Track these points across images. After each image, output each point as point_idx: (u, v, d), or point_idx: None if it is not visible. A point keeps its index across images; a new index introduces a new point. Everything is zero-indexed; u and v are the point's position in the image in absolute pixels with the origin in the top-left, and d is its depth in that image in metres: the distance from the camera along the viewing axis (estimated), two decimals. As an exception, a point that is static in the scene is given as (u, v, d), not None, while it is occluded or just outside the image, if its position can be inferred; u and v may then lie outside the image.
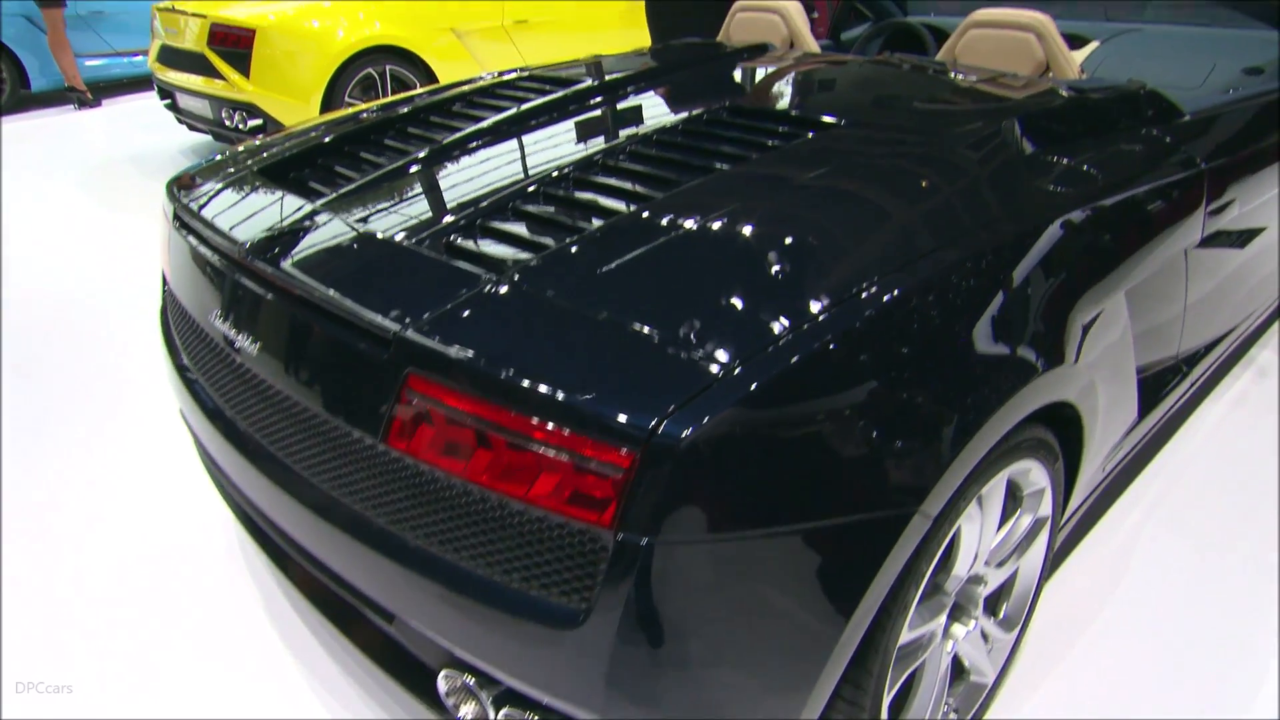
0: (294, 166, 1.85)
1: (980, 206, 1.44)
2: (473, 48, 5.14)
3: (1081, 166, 1.61)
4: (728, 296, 1.16)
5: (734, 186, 1.42)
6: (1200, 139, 1.92)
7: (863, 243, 1.28)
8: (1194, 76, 2.80)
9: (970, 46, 2.21)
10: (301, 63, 4.57)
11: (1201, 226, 1.81)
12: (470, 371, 1.08)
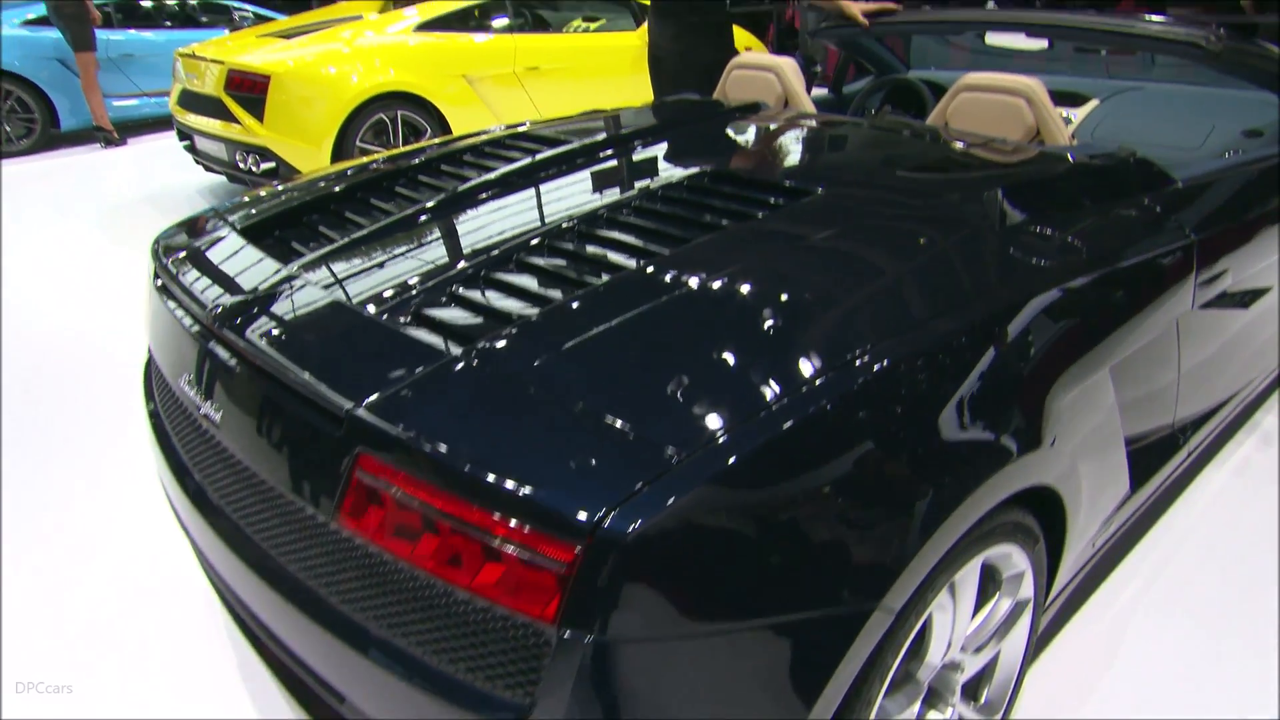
0: (278, 225, 1.83)
1: (953, 284, 1.40)
2: (484, 94, 5.18)
3: (1065, 239, 1.57)
4: (685, 380, 1.12)
5: (702, 261, 1.39)
6: (1191, 208, 1.87)
7: (827, 324, 1.24)
8: (1193, 137, 2.75)
9: (961, 110, 2.18)
10: (314, 108, 4.61)
11: (1192, 297, 1.75)
12: (418, 454, 1.05)
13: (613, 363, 1.17)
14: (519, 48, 5.35)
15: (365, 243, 1.66)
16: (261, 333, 1.34)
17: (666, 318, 1.24)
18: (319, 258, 1.60)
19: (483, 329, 1.27)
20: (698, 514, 0.97)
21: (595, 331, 1.21)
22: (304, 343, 1.32)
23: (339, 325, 1.36)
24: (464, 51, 5.15)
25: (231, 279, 1.56)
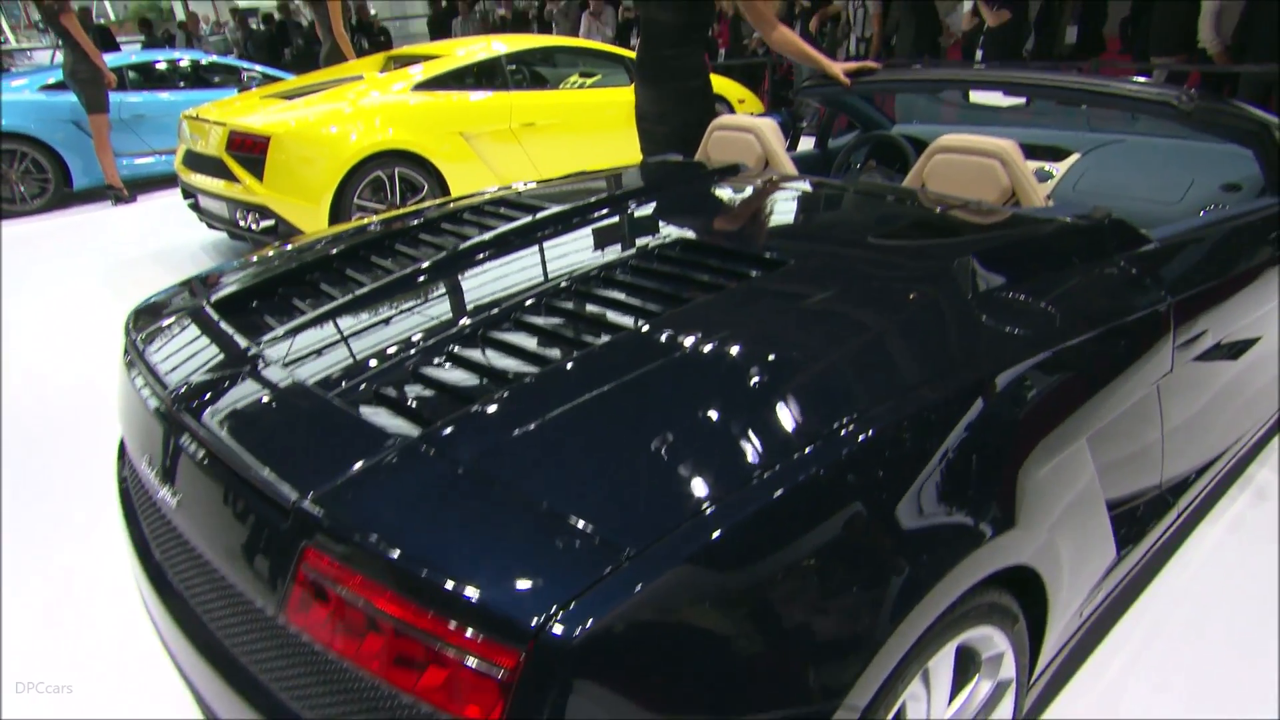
0: (252, 297, 1.81)
1: (920, 360, 1.35)
2: (481, 150, 5.20)
3: (1039, 306, 1.52)
4: (640, 469, 1.07)
5: (663, 341, 1.34)
6: (1168, 268, 1.83)
7: (787, 406, 1.19)
8: (1174, 191, 2.72)
9: (937, 171, 2.15)
10: (312, 167, 4.63)
11: (1171, 360, 1.70)
12: (362, 550, 1.00)
13: (567, 449, 1.12)
14: (515, 105, 5.39)
15: (332, 317, 1.62)
16: (216, 417, 1.30)
17: (623, 402, 1.20)
18: (284, 334, 1.57)
19: (439, 410, 1.23)
20: (648, 613, 0.92)
21: (552, 415, 1.17)
22: (257, 428, 1.28)
23: (294, 408, 1.32)
24: (461, 109, 5.18)
25: (195, 358, 1.53)
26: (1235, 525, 2.28)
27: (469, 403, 1.23)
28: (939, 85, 2.91)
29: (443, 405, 1.26)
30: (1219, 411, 2.08)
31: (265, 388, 1.37)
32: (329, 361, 1.45)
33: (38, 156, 7.21)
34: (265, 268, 1.98)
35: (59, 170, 7.31)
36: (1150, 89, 2.25)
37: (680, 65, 3.25)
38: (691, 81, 3.30)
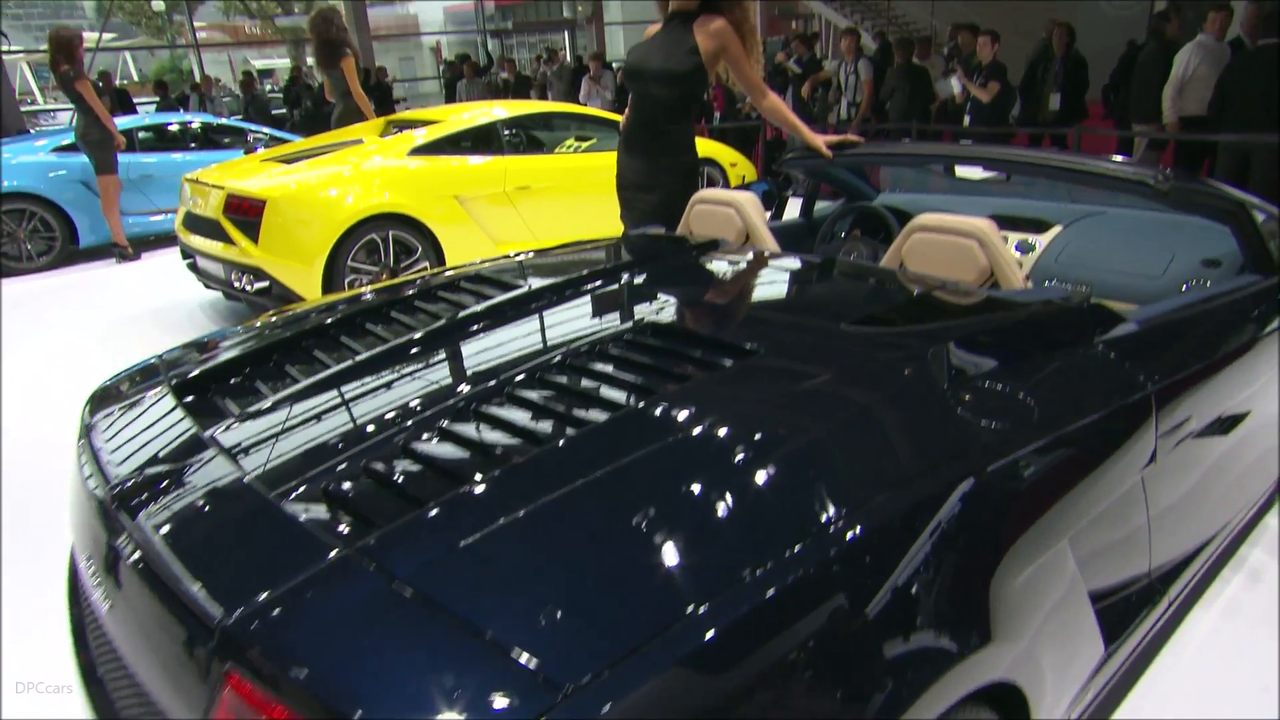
0: (214, 378, 1.72)
1: (889, 460, 1.26)
2: (475, 213, 5.17)
3: (1016, 396, 1.44)
4: (588, 588, 0.98)
5: (617, 440, 1.26)
6: (1149, 354, 1.75)
7: (746, 518, 1.10)
8: (1155, 265, 2.65)
9: (915, 250, 2.08)
10: (307, 231, 4.60)
11: (1154, 450, 1.61)
12: (285, 679, 0.90)
13: (515, 563, 1.03)
14: (509, 169, 5.38)
15: (291, 402, 1.54)
16: (152, 518, 1.21)
17: (573, 510, 1.11)
18: (240, 421, 1.48)
19: (386, 513, 1.14)
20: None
21: (501, 523, 1.08)
22: (193, 532, 1.19)
23: (234, 510, 1.23)
24: (455, 173, 5.17)
25: (144, 449, 1.44)
26: (1230, 610, 2.17)
27: (419, 505, 1.14)
28: (920, 161, 2.87)
29: (390, 506, 1.17)
30: (1208, 492, 1.98)
31: (209, 485, 1.28)
32: (280, 454, 1.36)
33: (46, 215, 7.22)
34: (233, 346, 1.91)
35: (66, 229, 7.32)
36: (1127, 169, 2.20)
37: (674, 140, 3.21)
38: (683, 156, 3.26)
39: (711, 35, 3.02)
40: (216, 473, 1.30)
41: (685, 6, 3.04)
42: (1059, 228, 2.93)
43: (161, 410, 1.59)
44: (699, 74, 3.07)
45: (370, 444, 1.32)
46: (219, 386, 1.70)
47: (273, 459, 1.34)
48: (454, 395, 1.44)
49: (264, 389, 1.65)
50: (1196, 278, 2.56)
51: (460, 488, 1.16)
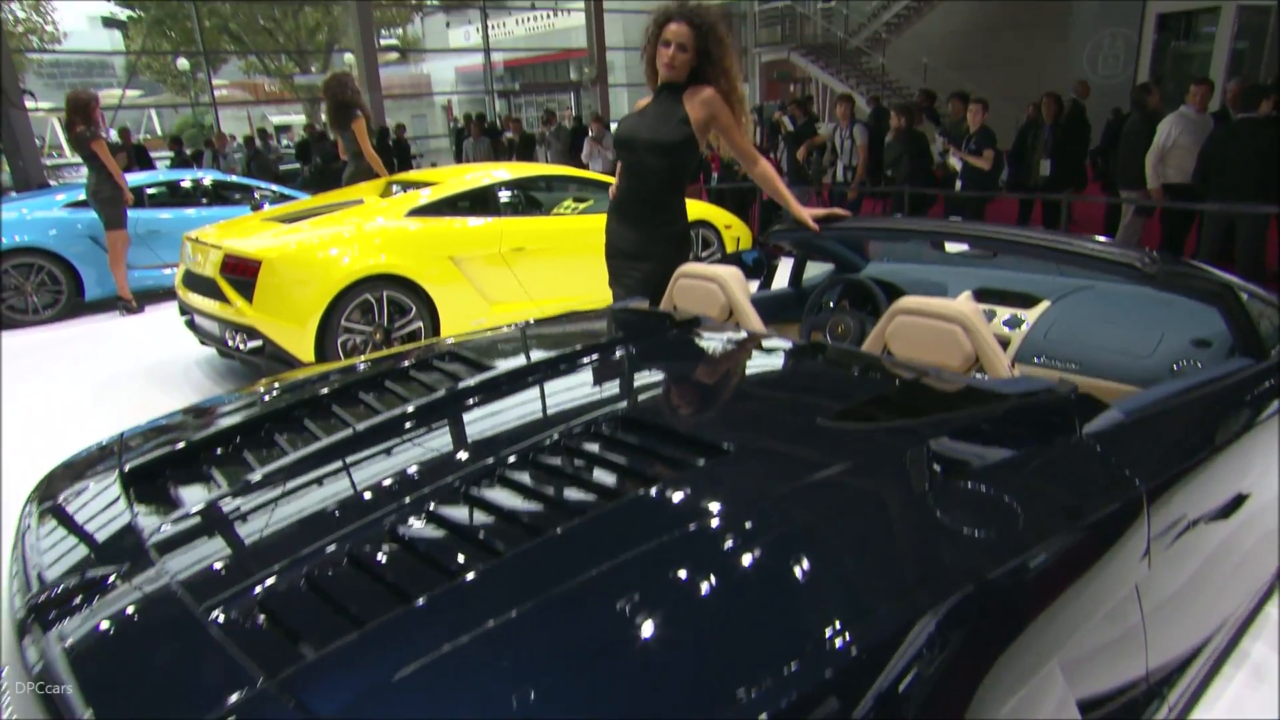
0: (168, 464, 1.61)
1: (860, 579, 1.13)
2: (470, 273, 5.10)
3: (1000, 501, 1.32)
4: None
5: (567, 556, 1.14)
6: (1138, 449, 1.63)
7: (699, 658, 0.97)
8: (1144, 344, 2.55)
9: (898, 333, 1.98)
10: (301, 291, 4.52)
11: (1146, 550, 1.48)
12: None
13: (448, 703, 0.90)
14: (505, 230, 5.32)
15: (237, 496, 1.42)
16: (63, 636, 1.08)
17: (519, 639, 0.98)
18: (181, 519, 1.36)
19: (317, 636, 1.01)
20: None
21: (437, 655, 0.95)
22: (105, 656, 1.06)
23: (157, 630, 1.10)
24: (451, 234, 5.11)
25: (75, 550, 1.32)
26: (1235, 710, 2.02)
27: (357, 624, 1.02)
28: (905, 237, 2.78)
29: (328, 624, 1.04)
30: (1206, 586, 1.84)
31: (135, 599, 1.16)
32: (221, 558, 1.24)
33: (53, 269, 7.20)
34: (195, 427, 1.80)
35: (73, 282, 7.28)
36: (1114, 250, 2.11)
37: (665, 210, 3.13)
38: (675, 225, 3.17)
39: (701, 105, 2.97)
40: (147, 584, 1.18)
41: (675, 78, 2.99)
42: (1047, 303, 2.84)
43: (105, 502, 1.48)
44: (690, 144, 3.01)
45: (313, 549, 1.20)
46: (173, 473, 1.59)
47: (212, 564, 1.22)
48: (402, 496, 1.32)
49: (217, 478, 1.53)
50: (1187, 358, 2.46)
51: (402, 606, 1.04)
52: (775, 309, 3.28)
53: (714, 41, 2.96)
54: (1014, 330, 2.79)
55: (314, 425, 1.71)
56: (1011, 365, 1.89)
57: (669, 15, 2.95)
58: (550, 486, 1.34)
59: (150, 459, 1.61)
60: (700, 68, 2.99)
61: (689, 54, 2.95)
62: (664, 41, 2.95)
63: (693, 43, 2.94)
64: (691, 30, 2.93)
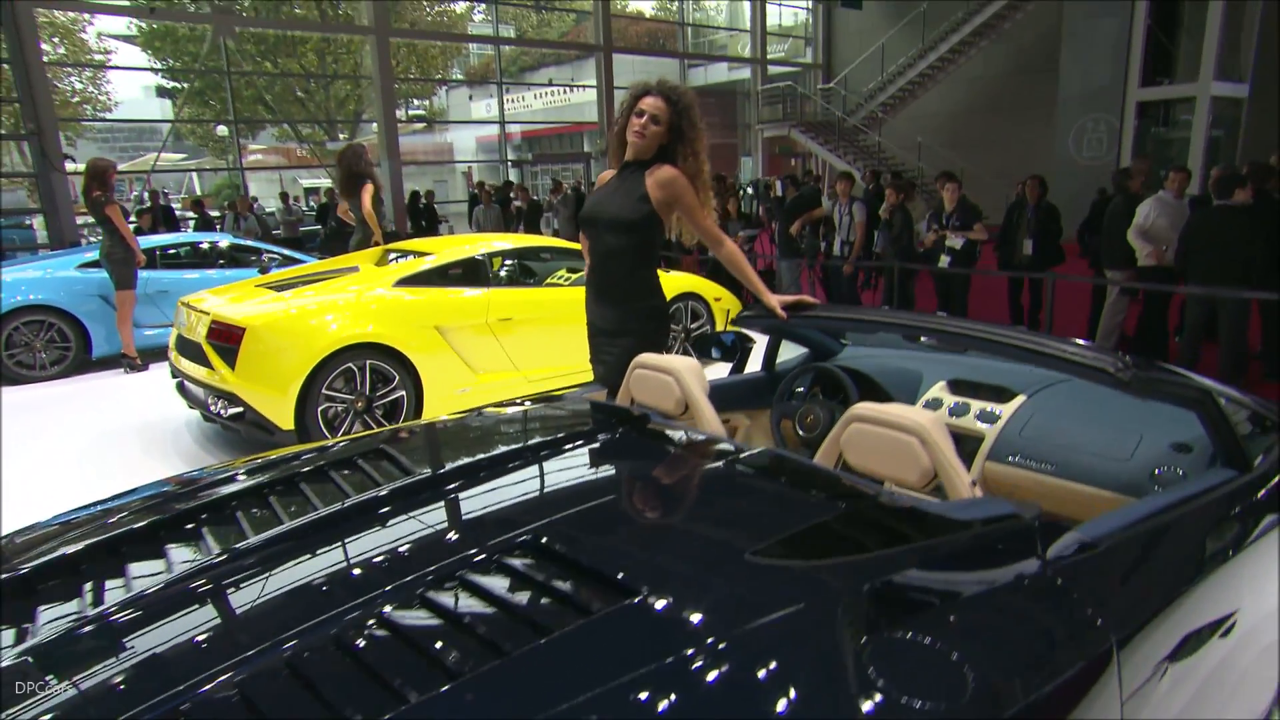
0: (53, 573, 1.41)
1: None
2: (455, 342, 4.95)
3: (945, 662, 1.10)
4: None
5: None
6: (1109, 586, 1.41)
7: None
8: (1123, 445, 2.33)
9: (853, 442, 1.77)
10: (282, 360, 4.38)
11: (1119, 708, 1.25)
12: None
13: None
14: (492, 301, 5.19)
15: (98, 622, 1.21)
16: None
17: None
18: (33, 649, 1.16)
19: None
20: None
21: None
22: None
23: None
24: (437, 305, 4.98)
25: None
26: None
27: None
28: (874, 327, 2.60)
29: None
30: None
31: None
32: (128, 670, 1.05)
33: (63, 326, 7.12)
34: (89, 530, 1.60)
35: (81, 339, 7.19)
36: (1087, 354, 1.92)
37: (636, 286, 2.97)
38: (649, 300, 3.01)
39: (663, 186, 2.83)
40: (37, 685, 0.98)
41: (642, 152, 2.86)
42: (1023, 397, 2.63)
43: (33, 588, 1.30)
44: (651, 221, 2.86)
45: (190, 685, 1.00)
46: (47, 587, 1.38)
47: (113, 676, 1.02)
48: (304, 622, 1.12)
49: (87, 596, 1.33)
50: (1167, 464, 2.24)
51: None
52: (747, 394, 3.09)
53: (688, 120, 2.84)
54: (988, 426, 2.58)
55: (224, 530, 1.51)
56: (974, 484, 1.67)
57: (646, 89, 2.84)
58: (427, 638, 1.13)
59: (39, 563, 1.41)
60: (670, 145, 2.86)
61: (661, 127, 2.82)
62: (638, 111, 2.83)
63: (667, 117, 2.82)
64: (667, 105, 2.81)
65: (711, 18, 26.87)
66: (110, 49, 24.25)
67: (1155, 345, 6.79)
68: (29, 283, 7.04)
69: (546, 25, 29.54)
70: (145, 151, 25.91)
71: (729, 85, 25.31)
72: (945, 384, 2.81)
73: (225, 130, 26.65)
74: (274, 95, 22.73)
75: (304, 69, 23.44)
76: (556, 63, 26.74)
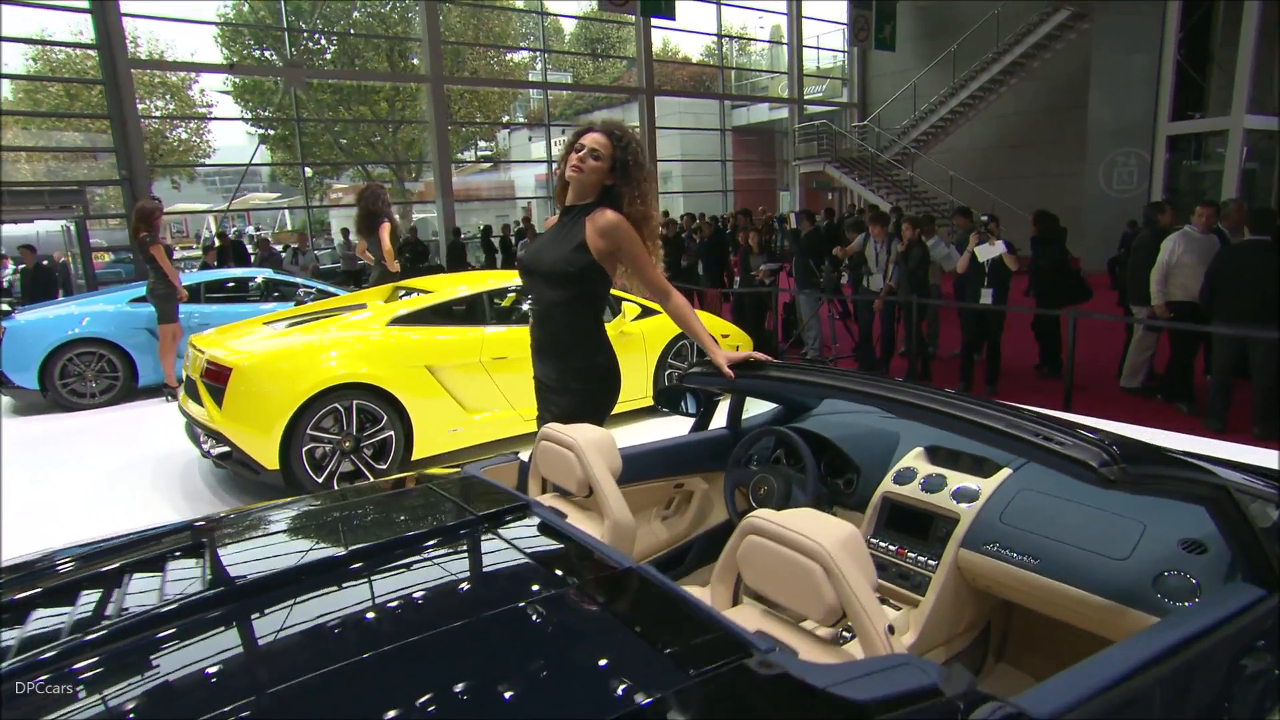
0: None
1: None
2: (447, 383, 4.59)
3: None
4: None
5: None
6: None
7: None
8: (1121, 539, 1.80)
9: (750, 560, 1.31)
10: (266, 400, 4.08)
11: None
12: None
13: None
14: (487, 340, 4.82)
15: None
16: None
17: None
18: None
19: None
20: None
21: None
22: None
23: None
24: (428, 344, 4.64)
25: None
26: None
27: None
28: (825, 391, 2.12)
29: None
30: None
31: None
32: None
33: (112, 358, 7.05)
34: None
35: (128, 369, 7.09)
36: (1067, 446, 1.41)
37: (575, 343, 2.52)
38: (589, 360, 2.54)
39: (604, 234, 2.40)
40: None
41: (582, 192, 2.45)
42: (1008, 471, 2.11)
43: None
44: (590, 273, 2.44)
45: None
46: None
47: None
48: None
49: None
50: (1175, 568, 1.70)
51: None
52: (704, 456, 2.62)
53: (633, 159, 2.42)
54: (966, 506, 2.06)
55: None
56: (891, 631, 1.18)
57: (589, 126, 2.44)
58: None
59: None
60: (614, 187, 2.43)
61: (602, 163, 2.41)
62: (577, 147, 2.42)
63: (609, 153, 2.40)
64: (609, 140, 2.40)
65: (756, 61, 26.47)
66: (211, 102, 25.13)
67: (1183, 383, 6.06)
68: (79, 317, 6.98)
69: (602, 71, 29.53)
70: (246, 192, 26.73)
71: (769, 124, 24.81)
72: (923, 451, 2.31)
73: (310, 171, 27.27)
74: (348, 139, 23.13)
75: (375, 115, 23.72)
76: (609, 105, 26.65)
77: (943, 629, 2.02)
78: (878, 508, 2.23)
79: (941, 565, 2.02)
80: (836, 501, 2.36)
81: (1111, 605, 1.72)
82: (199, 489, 4.60)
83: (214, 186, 31.35)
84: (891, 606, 2.06)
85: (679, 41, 27.61)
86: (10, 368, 6.75)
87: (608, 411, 2.57)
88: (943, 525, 2.08)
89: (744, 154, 24.69)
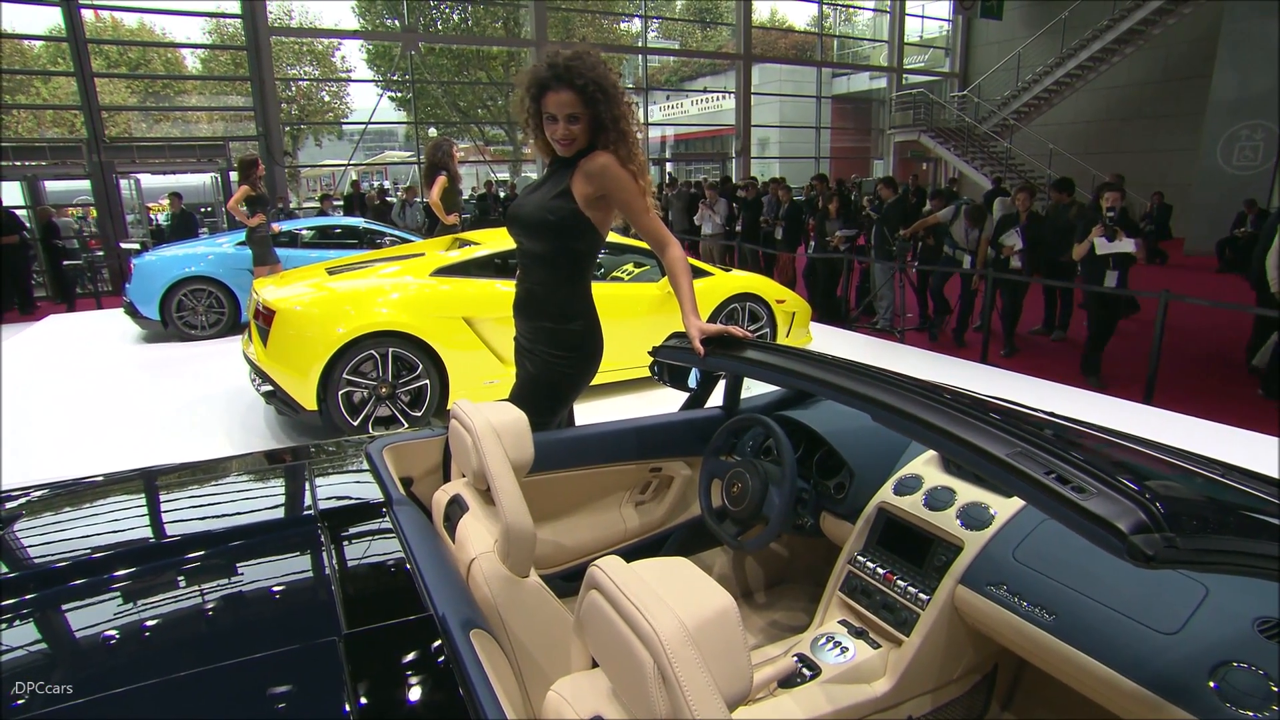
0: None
1: None
2: (485, 334, 4.28)
3: None
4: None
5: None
6: None
7: None
8: (1172, 604, 1.26)
9: (591, 620, 0.88)
10: (305, 344, 3.89)
11: None
12: None
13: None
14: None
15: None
16: None
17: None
18: None
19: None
20: None
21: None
22: None
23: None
24: (468, 296, 4.33)
25: None
26: None
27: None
28: (796, 382, 1.61)
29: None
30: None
31: None
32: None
33: (219, 295, 7.20)
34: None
35: (233, 305, 7.24)
36: (1089, 488, 0.91)
37: (549, 300, 2.11)
38: (566, 323, 2.12)
39: (590, 177, 1.96)
40: None
41: (567, 153, 1.99)
42: (1020, 503, 1.56)
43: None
44: (572, 223, 2.01)
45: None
46: None
47: None
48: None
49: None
50: (1244, 658, 1.15)
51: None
52: (691, 438, 2.18)
53: (604, 99, 1.93)
54: (973, 533, 1.55)
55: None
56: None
57: (543, 84, 1.94)
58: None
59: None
60: (595, 133, 1.97)
61: (582, 123, 1.95)
62: (549, 117, 1.96)
63: (582, 108, 1.93)
64: (576, 94, 1.91)
65: (859, 30, 24.60)
66: (351, 67, 25.78)
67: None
68: (193, 258, 7.14)
69: (708, 39, 28.26)
70: (382, 150, 27.53)
71: (867, 94, 23.10)
72: (935, 457, 1.78)
73: (435, 132, 27.67)
74: (465, 103, 23.17)
75: (491, 79, 23.61)
76: (713, 72, 25.51)
77: (929, 676, 1.53)
78: (870, 520, 1.74)
79: (933, 602, 1.52)
80: (826, 507, 1.88)
81: (1146, 695, 1.19)
82: (256, 424, 4.54)
83: (355, 145, 32.46)
84: (868, 643, 1.58)
85: (786, 11, 26.00)
86: (138, 300, 7.03)
87: (574, 388, 2.15)
88: (942, 552, 1.57)
89: (841, 122, 23.16)
